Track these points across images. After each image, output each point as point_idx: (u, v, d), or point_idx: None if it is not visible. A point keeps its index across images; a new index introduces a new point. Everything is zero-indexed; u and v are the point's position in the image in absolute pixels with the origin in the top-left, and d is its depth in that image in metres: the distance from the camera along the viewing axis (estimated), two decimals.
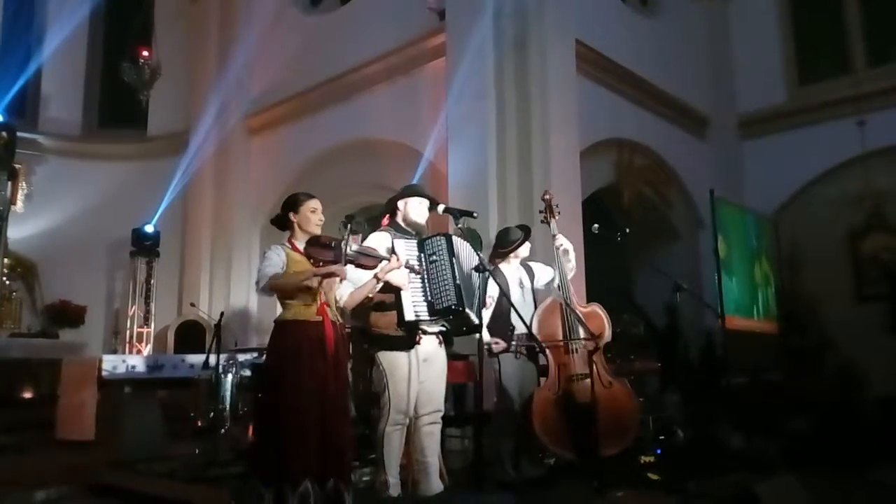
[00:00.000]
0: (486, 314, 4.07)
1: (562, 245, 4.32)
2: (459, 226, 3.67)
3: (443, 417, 3.79)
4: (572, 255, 4.38)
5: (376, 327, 3.59)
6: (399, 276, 3.43)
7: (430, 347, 3.63)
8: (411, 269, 3.43)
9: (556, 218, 4.45)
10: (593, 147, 7.45)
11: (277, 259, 3.23)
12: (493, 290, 4.06)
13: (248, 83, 9.78)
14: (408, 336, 3.51)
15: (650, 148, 8.48)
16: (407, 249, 3.53)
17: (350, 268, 3.28)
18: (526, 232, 4.42)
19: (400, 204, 3.78)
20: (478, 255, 3.51)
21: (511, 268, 4.38)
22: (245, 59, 9.67)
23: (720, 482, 4.00)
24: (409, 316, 3.45)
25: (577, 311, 4.17)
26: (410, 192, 3.83)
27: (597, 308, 4.36)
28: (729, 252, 7.42)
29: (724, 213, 7.47)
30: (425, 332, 3.58)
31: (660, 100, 8.60)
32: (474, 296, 3.53)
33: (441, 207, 3.81)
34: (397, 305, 3.48)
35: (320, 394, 3.11)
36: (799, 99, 9.23)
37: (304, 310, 3.21)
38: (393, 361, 3.53)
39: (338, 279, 3.31)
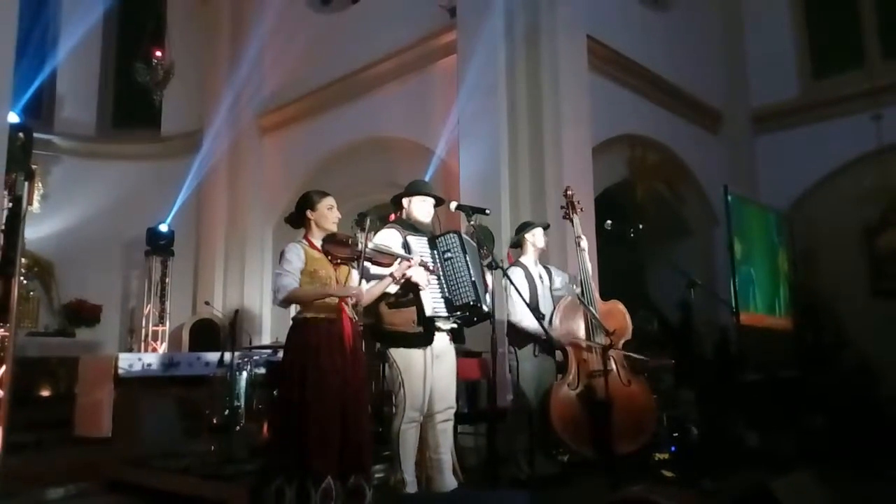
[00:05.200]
0: (522, 309, 4.05)
1: (580, 244, 4.31)
2: (472, 223, 3.67)
3: (456, 414, 3.80)
4: (587, 255, 4.38)
5: (391, 325, 3.59)
6: (420, 275, 3.44)
7: (442, 345, 3.65)
8: (426, 268, 3.44)
9: (578, 213, 4.44)
10: (606, 143, 7.42)
11: (297, 262, 3.22)
12: (519, 287, 4.06)
13: (260, 82, 9.81)
14: (425, 333, 3.53)
15: (663, 143, 8.43)
16: (420, 246, 3.56)
17: (367, 265, 3.30)
18: (544, 226, 4.45)
19: (405, 201, 3.79)
20: (480, 252, 3.54)
21: (530, 261, 4.38)
22: (257, 58, 9.71)
23: (735, 479, 3.99)
24: (429, 312, 3.47)
25: (592, 310, 4.15)
26: (414, 190, 3.84)
27: (618, 304, 4.34)
28: (743, 248, 7.38)
29: (739, 208, 7.41)
30: (438, 329, 3.59)
31: (672, 95, 8.54)
32: (486, 290, 3.55)
33: (453, 205, 3.83)
34: (416, 303, 3.49)
35: (340, 391, 3.12)
36: (813, 93, 9.13)
37: (323, 307, 3.22)
38: (408, 359, 3.55)
39: (354, 277, 3.31)
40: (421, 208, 3.77)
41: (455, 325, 3.69)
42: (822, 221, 8.56)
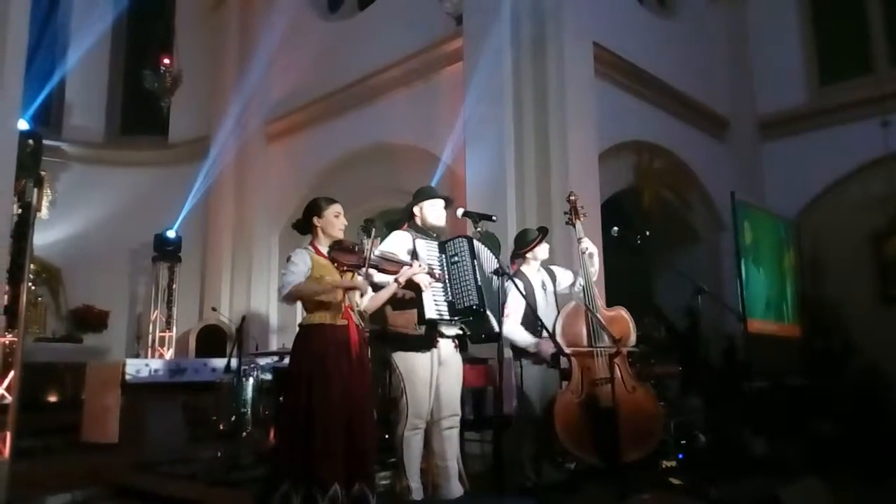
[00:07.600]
0: (512, 322, 4.05)
1: (587, 249, 4.27)
2: (478, 229, 3.67)
3: (462, 421, 3.79)
4: (596, 258, 4.34)
5: (394, 326, 3.56)
6: (423, 277, 3.41)
7: (447, 350, 3.64)
8: (431, 275, 3.43)
9: (582, 220, 4.41)
10: (612, 149, 7.41)
11: (303, 265, 3.23)
12: (516, 299, 4.03)
13: (268, 89, 9.87)
14: (427, 336, 3.50)
15: (669, 150, 8.42)
16: (428, 250, 3.54)
17: (372, 272, 3.30)
18: (543, 232, 4.39)
19: (416, 209, 3.79)
20: (497, 259, 3.51)
21: (532, 270, 4.34)
22: (264, 65, 9.77)
23: (743, 487, 3.97)
24: (430, 314, 3.41)
25: (599, 316, 4.13)
26: (425, 195, 3.83)
27: (622, 311, 4.31)
28: (750, 255, 7.35)
29: (746, 215, 7.39)
30: (443, 335, 3.58)
31: (678, 102, 8.54)
32: (494, 300, 3.53)
33: (460, 211, 3.82)
34: (417, 303, 3.44)
35: (346, 397, 3.12)
36: (820, 99, 9.11)
37: (330, 314, 3.23)
38: (411, 364, 3.52)
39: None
40: (432, 212, 3.76)
41: (460, 332, 3.67)
42: (829, 228, 8.53)
